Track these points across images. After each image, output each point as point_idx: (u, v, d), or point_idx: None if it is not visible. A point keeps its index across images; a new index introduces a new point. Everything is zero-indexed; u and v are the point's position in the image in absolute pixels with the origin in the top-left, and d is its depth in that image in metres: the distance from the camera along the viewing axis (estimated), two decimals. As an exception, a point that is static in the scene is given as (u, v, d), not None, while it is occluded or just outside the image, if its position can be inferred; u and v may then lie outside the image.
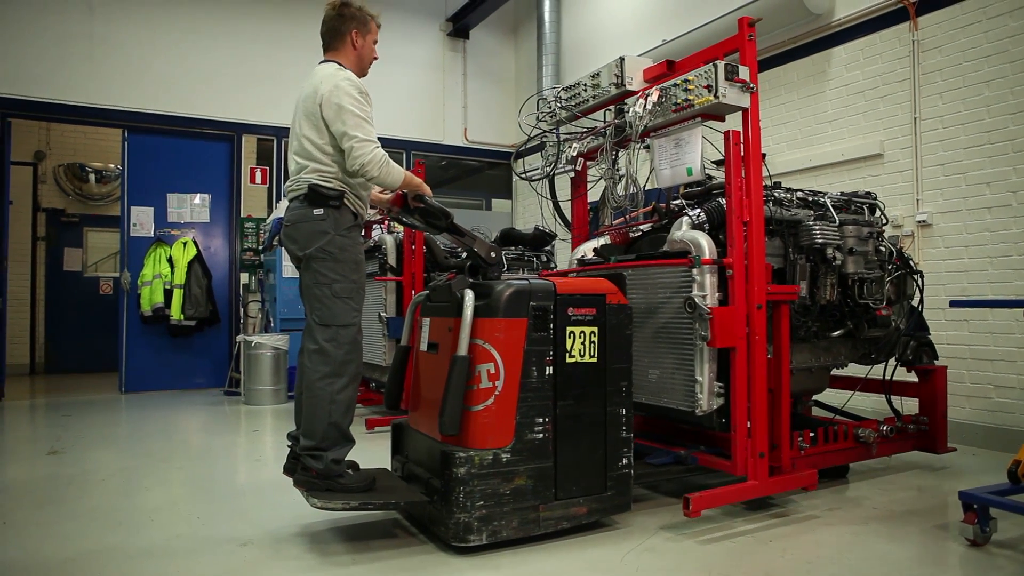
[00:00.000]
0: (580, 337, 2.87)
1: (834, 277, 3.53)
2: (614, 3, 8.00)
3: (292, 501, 3.20)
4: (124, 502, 3.50)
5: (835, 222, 3.53)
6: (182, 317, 7.76)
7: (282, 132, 8.56)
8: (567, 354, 2.84)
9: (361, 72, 3.21)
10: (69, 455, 4.53)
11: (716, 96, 3.08)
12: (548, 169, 4.26)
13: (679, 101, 3.29)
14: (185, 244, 7.93)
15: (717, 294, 3.10)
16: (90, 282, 10.47)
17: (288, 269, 7.03)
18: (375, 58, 3.29)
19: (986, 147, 4.56)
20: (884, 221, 3.89)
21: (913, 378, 4.04)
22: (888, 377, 3.97)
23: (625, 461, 2.94)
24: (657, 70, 3.59)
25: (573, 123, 4.16)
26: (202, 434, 5.41)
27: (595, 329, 2.89)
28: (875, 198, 3.94)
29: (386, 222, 6.29)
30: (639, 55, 6.87)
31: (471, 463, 2.63)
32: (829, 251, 3.42)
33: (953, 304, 3.32)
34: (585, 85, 3.93)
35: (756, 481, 3.08)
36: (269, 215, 8.10)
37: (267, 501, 3.47)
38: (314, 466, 2.80)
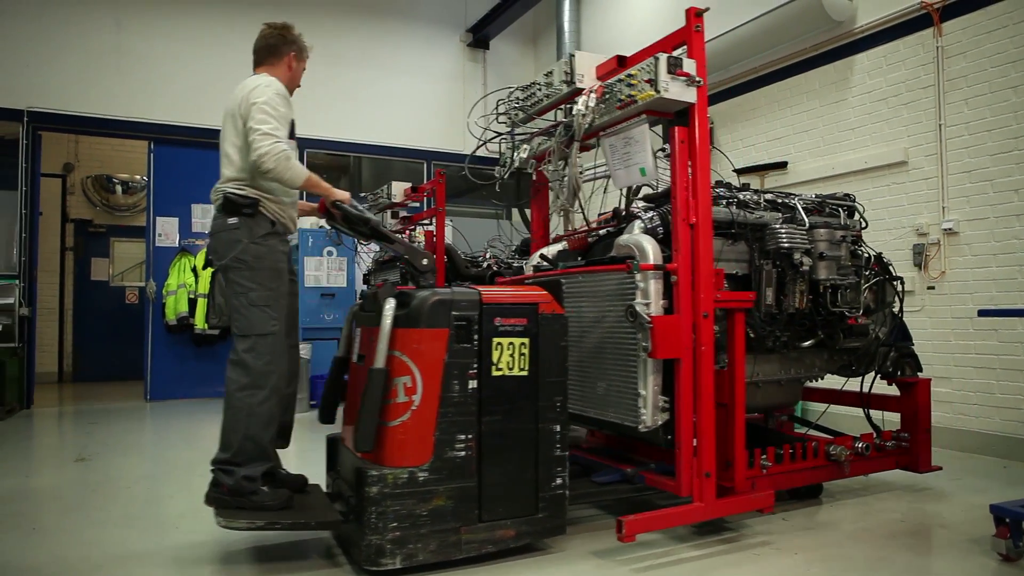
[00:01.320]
0: (508, 349, 2.69)
1: (804, 284, 3.33)
2: (633, 12, 8.01)
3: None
4: (149, 509, 3.54)
5: (805, 225, 3.38)
6: (206, 326, 7.85)
7: (305, 143, 8.65)
8: (493, 367, 2.66)
9: (289, 90, 3.25)
10: (96, 462, 4.59)
11: (658, 91, 2.82)
12: (503, 173, 4.16)
13: (623, 97, 3.02)
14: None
15: (662, 302, 2.90)
16: (117, 292, 10.63)
17: (311, 278, 7.10)
18: (299, 86, 3.38)
19: (1014, 153, 4.49)
20: (863, 225, 3.75)
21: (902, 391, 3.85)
22: (866, 390, 3.79)
23: (559, 481, 2.75)
24: (608, 66, 3.30)
25: (529, 124, 3.96)
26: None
27: (525, 341, 2.71)
28: (853, 200, 3.77)
29: (407, 231, 6.33)
30: (659, 64, 6.92)
31: (384, 482, 2.47)
32: (796, 256, 3.25)
33: (982, 313, 3.26)
34: (539, 84, 3.71)
35: (701, 503, 2.86)
36: (292, 225, 8.17)
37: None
38: (225, 481, 2.67)
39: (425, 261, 2.92)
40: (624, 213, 3.39)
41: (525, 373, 2.71)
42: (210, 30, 8.21)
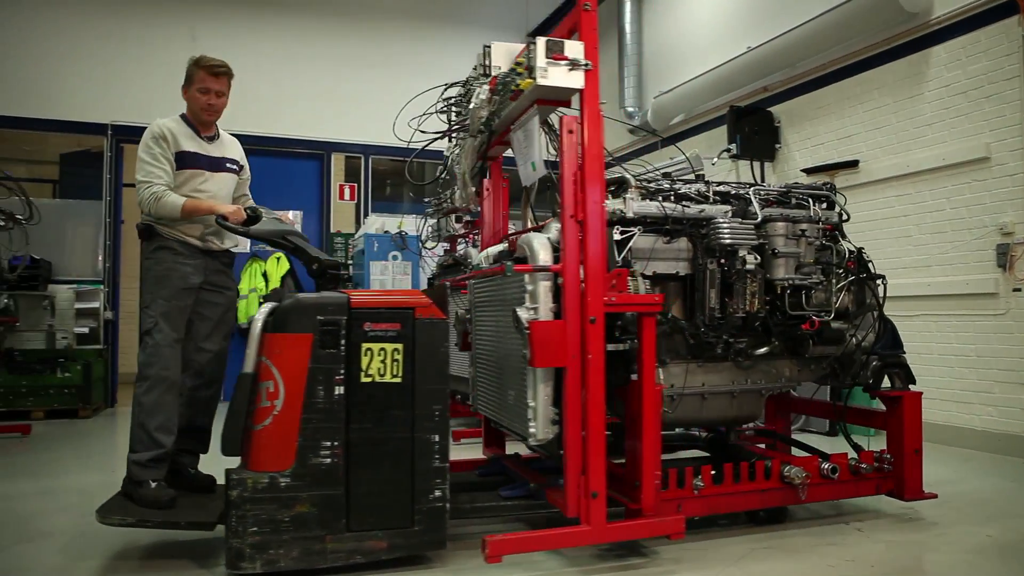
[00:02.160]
0: (380, 355, 2.61)
1: (756, 284, 3.03)
2: (697, 11, 7.89)
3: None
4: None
5: (756, 219, 3.09)
6: (276, 329, 8.07)
7: (369, 149, 8.84)
8: (362, 373, 2.59)
9: (196, 117, 3.50)
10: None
11: (534, 77, 2.61)
12: (442, 171, 3.95)
13: (513, 87, 2.79)
14: (279, 259, 8.27)
15: (552, 306, 2.65)
16: (193, 296, 11.02)
17: (376, 282, 7.23)
18: (209, 103, 3.50)
19: (1107, 147, 4.24)
20: (844, 217, 3.37)
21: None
22: (841, 403, 3.47)
23: (438, 493, 2.62)
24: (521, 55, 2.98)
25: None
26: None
27: (399, 346, 2.62)
28: (832, 190, 3.41)
29: (471, 235, 6.36)
30: (722, 64, 6.80)
31: (244, 486, 2.45)
32: (741, 253, 2.98)
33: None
34: (470, 80, 3.52)
35: (588, 527, 2.56)
36: (357, 230, 8.36)
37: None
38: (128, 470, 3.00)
39: (315, 266, 2.96)
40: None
41: (399, 380, 2.63)
42: (279, 40, 8.48)
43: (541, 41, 2.61)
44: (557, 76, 2.63)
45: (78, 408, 6.67)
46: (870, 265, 3.40)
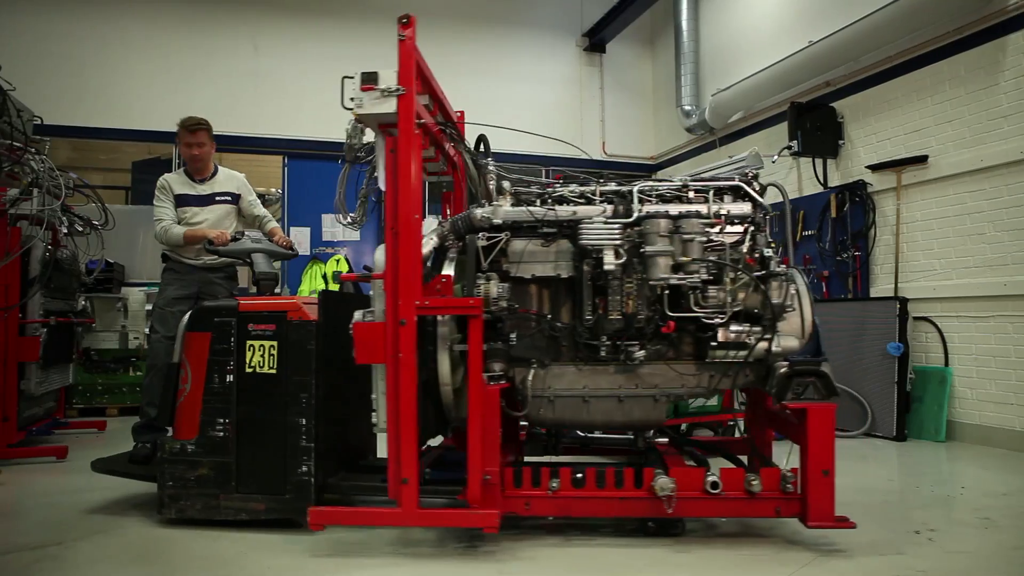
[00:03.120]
0: (260, 350, 3.15)
1: (631, 285, 2.94)
2: (756, 6, 7.73)
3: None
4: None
5: (631, 217, 3.00)
6: (336, 330, 8.24)
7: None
8: (247, 364, 3.15)
9: (188, 166, 4.54)
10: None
11: (348, 107, 2.90)
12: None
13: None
14: (338, 261, 8.44)
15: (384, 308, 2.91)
16: (256, 298, 11.35)
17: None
18: (192, 154, 4.45)
19: None
20: (762, 212, 3.11)
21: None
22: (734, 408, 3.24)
23: (305, 468, 3.06)
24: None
25: None
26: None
27: (275, 343, 3.14)
28: (750, 179, 3.17)
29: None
30: (782, 59, 6.64)
31: (166, 450, 3.19)
32: (606, 253, 2.92)
33: None
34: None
35: (399, 509, 2.82)
36: (414, 233, 8.46)
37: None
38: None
39: (254, 278, 3.78)
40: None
41: (274, 371, 3.14)
42: (337, 47, 8.66)
43: (358, 74, 2.93)
44: (371, 104, 2.88)
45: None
46: (773, 262, 3.00)
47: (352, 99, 2.91)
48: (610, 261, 2.94)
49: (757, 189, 3.17)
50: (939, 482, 4.16)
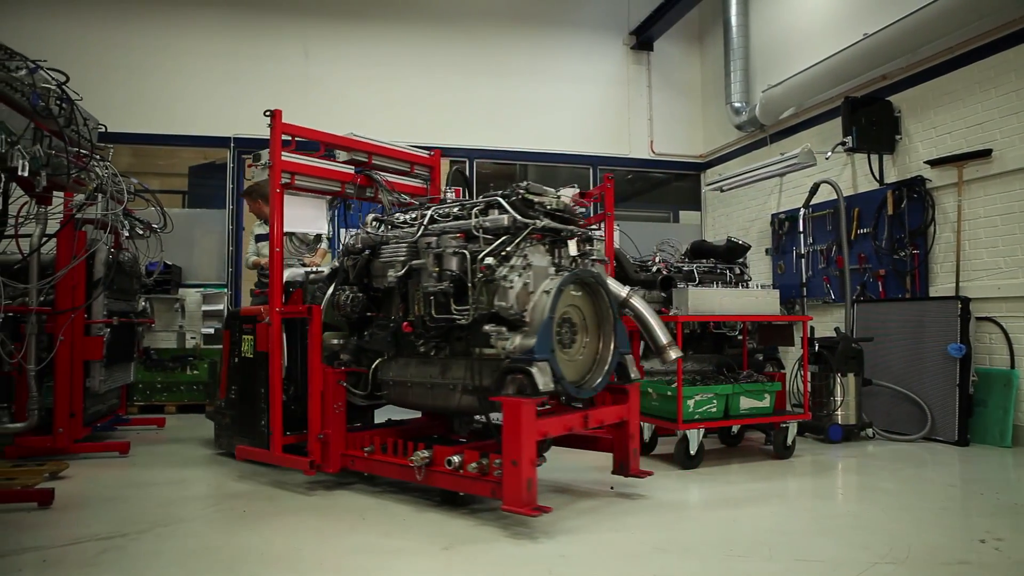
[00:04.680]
0: (246, 342, 4.55)
1: (417, 292, 3.58)
2: (804, 3, 7.56)
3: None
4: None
5: (413, 236, 3.74)
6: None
7: (474, 153, 8.99)
8: (241, 351, 4.61)
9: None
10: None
11: (250, 179, 4.36)
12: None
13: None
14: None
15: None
16: (307, 299, 11.56)
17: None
18: (251, 211, 6.08)
19: None
20: (515, 221, 3.35)
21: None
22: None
23: (265, 422, 4.21)
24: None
25: None
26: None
27: (252, 337, 4.48)
28: (514, 194, 3.40)
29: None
30: (835, 53, 6.48)
31: (214, 406, 5.01)
32: (392, 268, 3.74)
33: None
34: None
35: (269, 451, 4.03)
36: (462, 233, 8.51)
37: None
38: None
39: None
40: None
41: (251, 356, 4.49)
42: (385, 50, 8.78)
43: (263, 154, 4.14)
44: (258, 175, 4.18)
45: (205, 404, 7.13)
46: (500, 271, 3.30)
47: (250, 171, 4.20)
48: (392, 274, 3.74)
49: (517, 202, 3.45)
50: (1005, 489, 4.00)
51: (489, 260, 3.31)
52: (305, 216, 4.40)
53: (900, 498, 3.10)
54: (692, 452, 4.38)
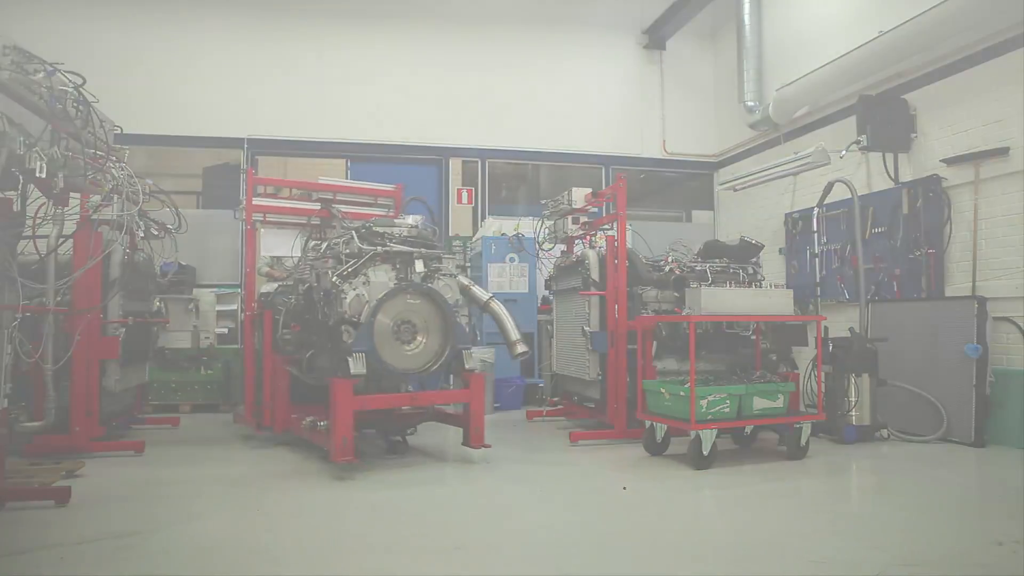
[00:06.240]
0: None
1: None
2: (817, 1, 7.52)
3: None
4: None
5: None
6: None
7: (485, 154, 9.00)
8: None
9: None
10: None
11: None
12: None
13: None
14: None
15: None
16: (320, 299, 11.60)
17: (494, 284, 7.33)
18: None
19: None
20: (360, 250, 4.48)
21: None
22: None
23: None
24: None
25: None
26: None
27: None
28: (363, 229, 4.60)
29: (588, 237, 6.34)
30: (850, 51, 6.44)
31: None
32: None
33: None
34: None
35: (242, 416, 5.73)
36: (475, 233, 8.52)
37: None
38: None
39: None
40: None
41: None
42: (398, 51, 8.81)
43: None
44: (238, 214, 5.76)
45: (219, 403, 7.18)
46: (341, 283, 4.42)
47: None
48: (301, 288, 4.95)
49: (365, 233, 4.67)
50: None
51: (334, 278, 4.37)
52: (278, 243, 5.87)
53: (916, 499, 3.07)
54: (705, 452, 4.36)
